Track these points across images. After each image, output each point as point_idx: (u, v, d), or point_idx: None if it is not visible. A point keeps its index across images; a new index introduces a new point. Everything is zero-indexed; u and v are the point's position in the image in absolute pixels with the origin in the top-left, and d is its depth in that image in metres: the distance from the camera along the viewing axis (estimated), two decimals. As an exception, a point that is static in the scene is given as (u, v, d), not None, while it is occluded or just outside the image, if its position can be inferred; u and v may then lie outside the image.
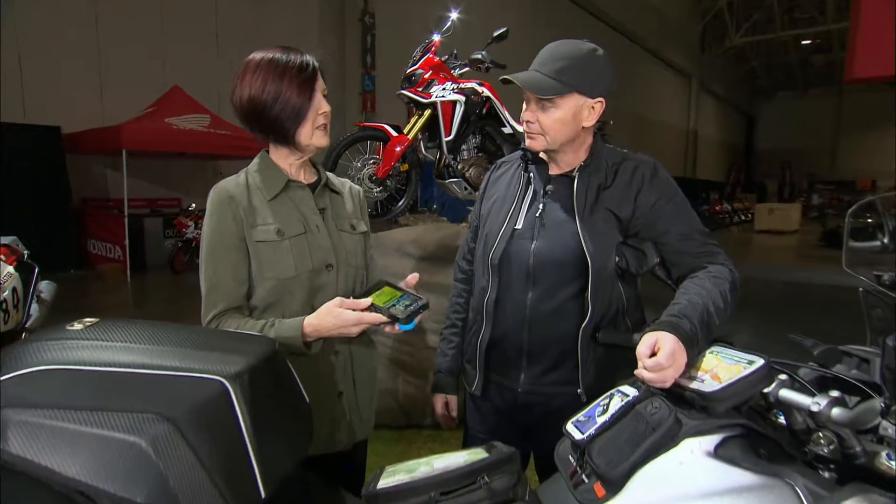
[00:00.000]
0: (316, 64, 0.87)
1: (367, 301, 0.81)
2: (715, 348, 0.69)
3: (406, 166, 2.42)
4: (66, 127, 5.23)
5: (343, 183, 1.04)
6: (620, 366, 0.89)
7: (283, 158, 0.94)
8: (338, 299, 0.82)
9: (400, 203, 2.58)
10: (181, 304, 4.08)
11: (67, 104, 5.31)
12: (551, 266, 0.90)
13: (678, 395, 0.64)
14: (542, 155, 0.95)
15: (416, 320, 0.80)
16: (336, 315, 0.81)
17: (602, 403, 0.68)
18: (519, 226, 0.94)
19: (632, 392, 0.67)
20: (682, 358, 0.67)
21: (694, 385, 0.63)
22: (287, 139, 0.89)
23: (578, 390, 0.90)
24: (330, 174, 1.03)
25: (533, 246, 0.91)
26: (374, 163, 2.40)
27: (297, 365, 0.73)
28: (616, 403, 0.66)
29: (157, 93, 5.62)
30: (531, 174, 0.98)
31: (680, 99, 15.99)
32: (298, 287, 0.89)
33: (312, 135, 0.90)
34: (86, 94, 5.54)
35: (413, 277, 0.87)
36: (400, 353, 2.21)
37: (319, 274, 0.91)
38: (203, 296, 0.87)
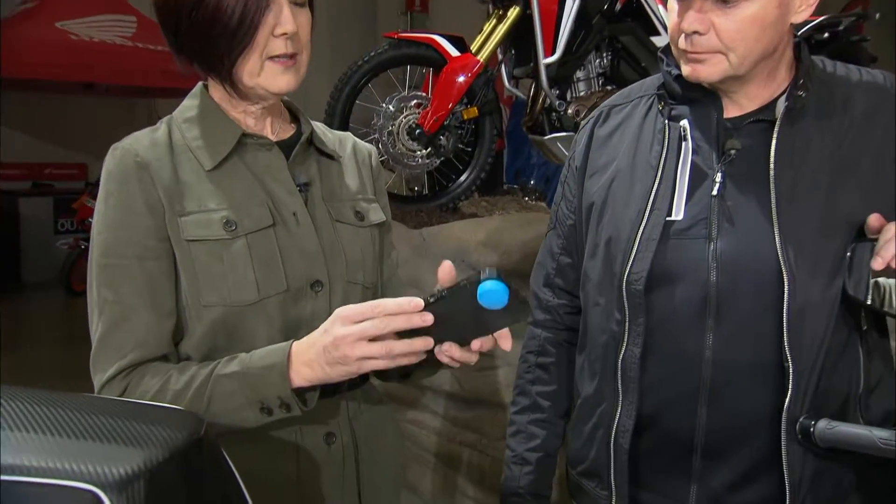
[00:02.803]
0: None
1: (409, 301, 0.80)
2: None
3: (475, 111, 2.42)
4: None
5: (342, 140, 1.09)
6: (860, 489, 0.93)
7: (228, 101, 0.97)
8: (343, 309, 0.83)
9: (464, 176, 2.60)
10: (79, 352, 4.25)
11: None
12: (748, 288, 0.93)
13: None
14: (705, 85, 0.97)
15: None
16: (342, 339, 0.82)
17: None
18: (678, 216, 0.97)
19: None
20: None
21: None
22: (219, 72, 0.91)
23: None
24: (318, 125, 1.07)
25: (712, 249, 0.94)
26: (418, 105, 2.42)
27: (249, 460, 0.75)
28: None
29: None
30: (684, 123, 0.99)
31: None
32: (263, 321, 0.92)
33: (261, 69, 0.90)
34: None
35: (447, 268, 0.84)
36: (450, 437, 2.29)
37: (300, 298, 0.94)
38: (96, 339, 0.90)
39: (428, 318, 0.79)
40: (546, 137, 2.47)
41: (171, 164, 0.92)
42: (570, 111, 2.40)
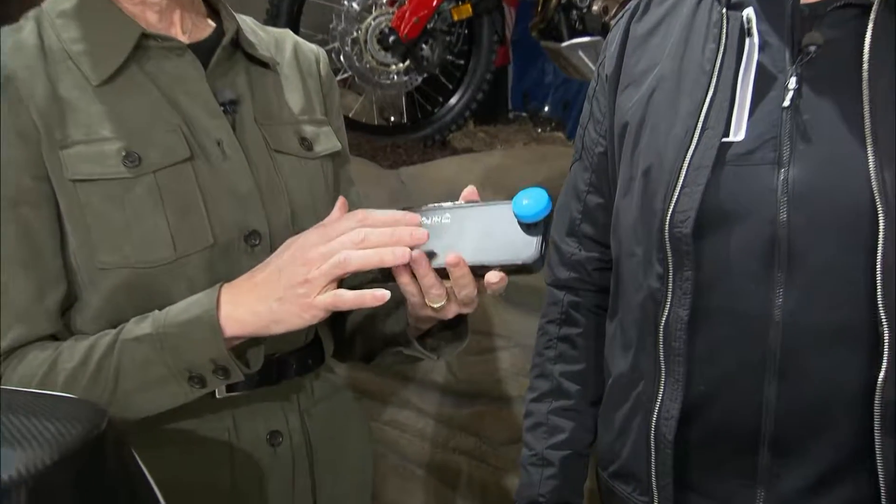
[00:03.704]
0: None
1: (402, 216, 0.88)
2: None
3: (468, 9, 2.44)
4: None
5: (279, 41, 1.11)
6: None
7: None
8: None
9: (454, 99, 2.64)
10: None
11: None
12: (830, 228, 0.93)
13: None
14: None
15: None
16: (312, 244, 0.88)
17: None
18: (738, 136, 0.98)
19: None
20: None
21: None
22: None
23: None
24: (246, 21, 1.08)
25: (783, 179, 0.95)
26: (391, 2, 2.42)
27: (166, 467, 0.75)
28: None
29: None
30: (748, 11, 1.00)
31: None
32: (182, 287, 0.93)
33: None
34: None
35: (470, 191, 0.94)
36: (441, 442, 2.30)
37: (230, 255, 0.96)
38: None
39: (421, 234, 0.84)
40: (564, 44, 2.47)
41: (44, 77, 0.90)
42: (595, 7, 2.41)
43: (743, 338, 0.97)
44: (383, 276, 0.89)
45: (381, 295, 0.84)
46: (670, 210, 0.99)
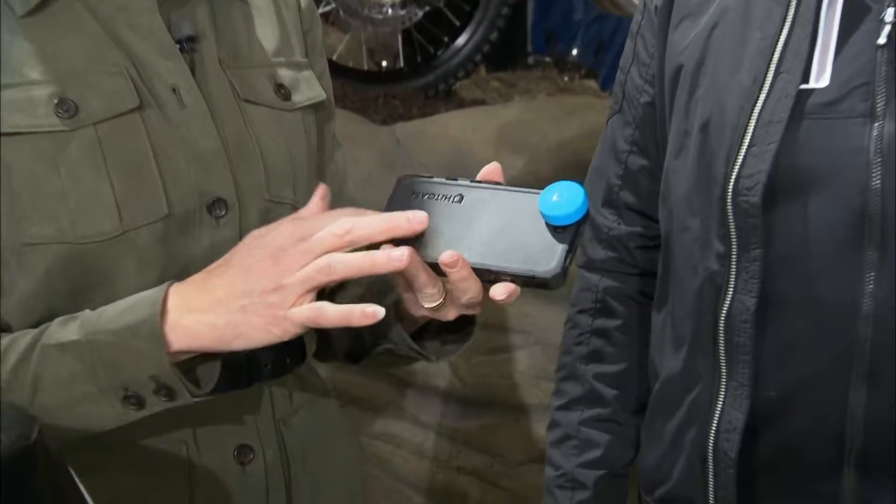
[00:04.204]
0: None
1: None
2: None
3: None
4: None
5: None
6: None
7: None
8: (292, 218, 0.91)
9: (462, 39, 2.65)
10: None
11: None
12: None
13: None
14: None
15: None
16: (288, 239, 0.87)
17: None
18: (820, 82, 0.99)
19: None
20: None
21: None
22: None
23: None
24: None
25: (877, 135, 0.97)
26: None
27: (110, 487, 0.82)
28: None
29: None
30: None
31: None
32: (130, 266, 0.94)
33: None
34: None
35: (492, 169, 0.93)
36: (444, 460, 2.35)
37: (190, 228, 0.97)
38: None
39: (421, 218, 0.84)
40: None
41: None
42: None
43: (823, 332, 0.99)
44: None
45: (371, 313, 0.83)
46: (734, 174, 1.00)
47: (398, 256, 0.82)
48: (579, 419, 1.22)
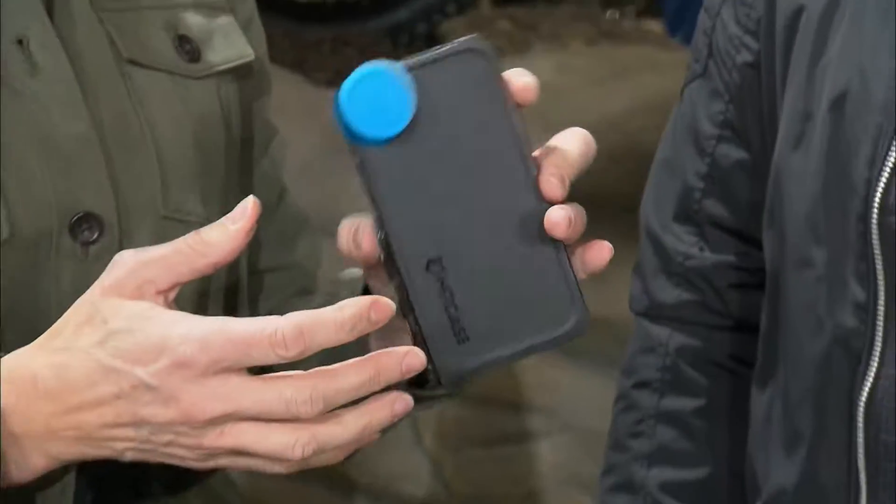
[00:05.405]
0: None
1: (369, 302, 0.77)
2: None
3: None
4: None
5: None
6: None
7: None
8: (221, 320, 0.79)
9: None
10: None
11: None
12: None
13: None
14: None
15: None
16: (194, 385, 0.71)
17: None
18: None
19: None
20: None
21: None
22: None
23: None
24: None
25: None
26: None
27: None
28: None
29: None
30: None
31: None
32: None
33: None
34: None
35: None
36: None
37: (38, 258, 0.91)
38: None
39: (413, 362, 0.71)
40: None
41: None
42: None
43: None
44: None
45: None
46: (882, 180, 0.90)
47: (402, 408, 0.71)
48: None
